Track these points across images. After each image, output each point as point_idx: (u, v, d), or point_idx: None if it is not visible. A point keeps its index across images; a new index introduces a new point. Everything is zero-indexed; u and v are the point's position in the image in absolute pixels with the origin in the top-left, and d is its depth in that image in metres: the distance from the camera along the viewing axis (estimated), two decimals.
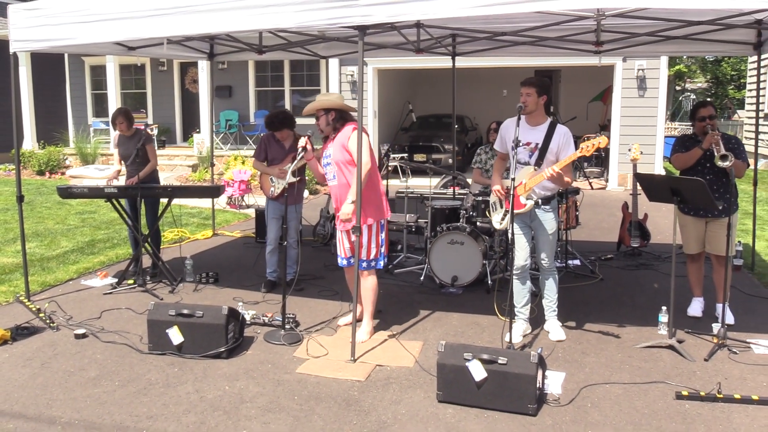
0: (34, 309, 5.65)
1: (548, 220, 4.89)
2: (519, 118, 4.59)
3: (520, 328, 5.05)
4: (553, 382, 4.19)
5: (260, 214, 8.36)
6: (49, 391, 4.18)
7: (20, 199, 6.13)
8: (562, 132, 4.77)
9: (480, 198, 6.59)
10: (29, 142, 16.80)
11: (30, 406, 3.98)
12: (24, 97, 16.56)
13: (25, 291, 6.07)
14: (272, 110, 7.37)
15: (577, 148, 4.75)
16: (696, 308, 5.54)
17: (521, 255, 4.95)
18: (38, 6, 5.57)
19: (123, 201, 6.68)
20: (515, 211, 4.76)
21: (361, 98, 4.91)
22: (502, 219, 5.04)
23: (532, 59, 11.41)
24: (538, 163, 4.78)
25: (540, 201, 4.83)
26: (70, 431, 3.69)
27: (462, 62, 8.62)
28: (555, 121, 4.86)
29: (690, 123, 5.61)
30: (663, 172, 13.27)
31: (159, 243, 7.06)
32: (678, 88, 32.50)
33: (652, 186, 4.88)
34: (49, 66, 17.36)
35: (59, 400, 4.04)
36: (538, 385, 3.82)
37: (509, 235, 4.68)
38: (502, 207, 5.07)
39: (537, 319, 5.34)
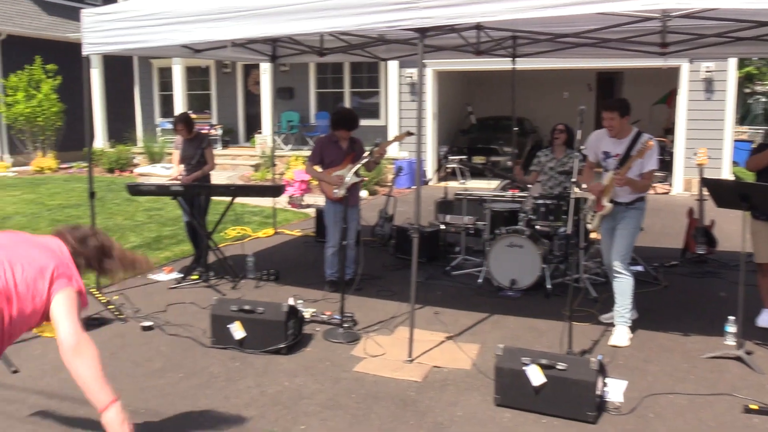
0: (104, 301, 5.88)
1: (627, 218, 5.04)
2: (581, 122, 4.54)
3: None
4: (614, 390, 4.11)
5: (320, 214, 8.47)
6: (118, 381, 4.33)
7: (92, 195, 6.39)
8: (643, 142, 4.92)
9: (540, 201, 6.51)
10: (100, 141, 17.45)
11: None
12: (96, 98, 17.20)
13: (96, 283, 6.33)
14: (336, 109, 7.37)
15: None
16: (766, 319, 5.34)
17: (605, 258, 5.33)
18: (110, 10, 5.79)
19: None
20: (599, 213, 5.16)
21: (420, 100, 4.93)
22: (591, 219, 5.35)
23: (594, 61, 11.16)
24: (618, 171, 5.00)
25: (622, 201, 5.05)
26: (137, 420, 3.82)
27: (522, 64, 8.54)
28: (640, 132, 5.04)
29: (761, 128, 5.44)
30: (732, 178, 12.83)
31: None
32: (747, 90, 31.33)
33: (720, 191, 4.74)
34: (119, 68, 17.99)
35: (127, 390, 4.20)
36: (598, 393, 3.76)
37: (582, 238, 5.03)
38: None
39: (598, 322, 5.26)
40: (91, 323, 5.35)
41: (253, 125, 17.30)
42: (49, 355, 4.78)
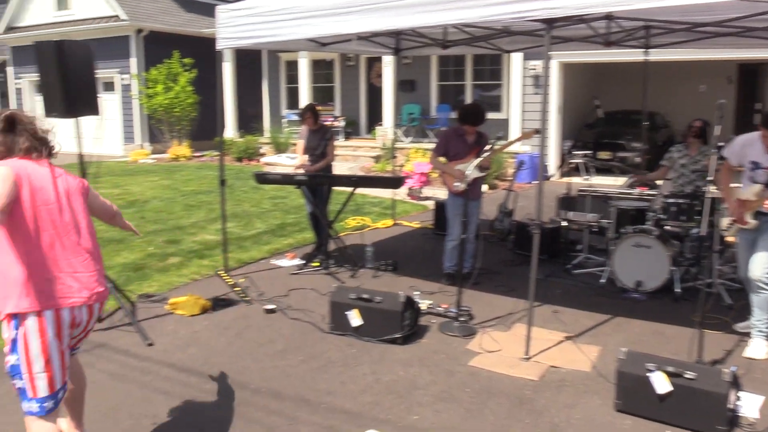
0: (231, 283, 6.20)
1: None
2: (722, 117, 4.25)
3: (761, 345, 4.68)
4: (749, 405, 3.83)
5: (439, 207, 8.47)
6: (242, 359, 4.56)
7: (222, 182, 6.73)
8: None
9: (671, 200, 6.17)
10: (230, 131, 18.37)
11: (225, 371, 4.37)
12: (227, 90, 18.11)
13: (224, 266, 6.67)
14: (462, 103, 7.37)
15: None
16: None
17: (741, 268, 4.88)
18: (242, 6, 6.04)
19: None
20: (741, 227, 4.76)
21: (545, 93, 4.80)
22: (729, 226, 4.95)
23: (736, 52, 10.37)
24: None
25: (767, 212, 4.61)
26: (258, 398, 4.01)
27: (655, 55, 8.11)
28: None
29: None
30: None
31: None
32: None
33: None
34: (248, 62, 18.83)
35: (250, 369, 4.40)
36: (730, 406, 3.53)
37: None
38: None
39: (732, 331, 4.94)
40: (218, 303, 5.66)
41: (375, 117, 17.54)
42: (181, 331, 5.09)
